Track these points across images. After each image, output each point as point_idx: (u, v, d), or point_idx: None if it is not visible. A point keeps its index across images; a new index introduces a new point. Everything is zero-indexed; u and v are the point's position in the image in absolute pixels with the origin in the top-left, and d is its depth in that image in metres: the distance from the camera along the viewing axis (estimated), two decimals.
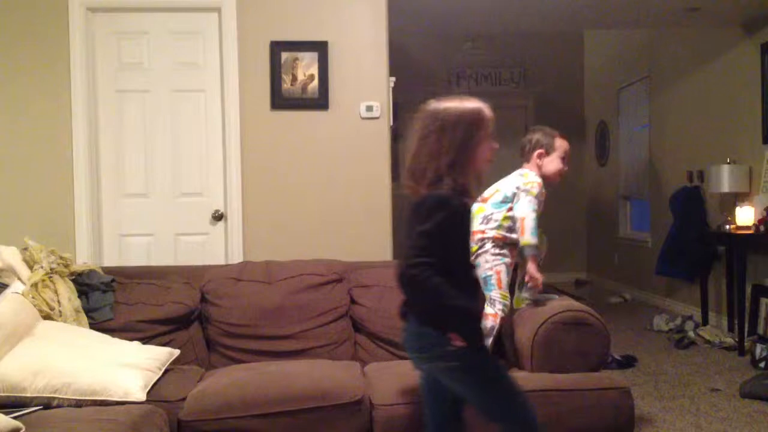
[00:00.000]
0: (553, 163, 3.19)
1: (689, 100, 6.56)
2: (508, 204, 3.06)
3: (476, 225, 3.03)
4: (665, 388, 4.34)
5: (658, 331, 6.01)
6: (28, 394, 2.41)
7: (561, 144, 3.22)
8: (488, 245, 3.02)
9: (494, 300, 2.97)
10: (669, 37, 6.90)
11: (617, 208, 8.44)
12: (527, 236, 2.97)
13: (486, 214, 3.06)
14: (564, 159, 3.22)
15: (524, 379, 2.76)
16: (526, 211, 2.99)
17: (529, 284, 3.03)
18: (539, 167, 3.18)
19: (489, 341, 2.94)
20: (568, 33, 8.53)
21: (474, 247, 2.99)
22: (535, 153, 3.18)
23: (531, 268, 2.98)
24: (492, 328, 2.93)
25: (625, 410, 2.67)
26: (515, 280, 3.18)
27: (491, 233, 3.02)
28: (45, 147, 4.21)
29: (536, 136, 3.21)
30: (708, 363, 4.95)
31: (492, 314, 2.95)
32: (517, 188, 3.06)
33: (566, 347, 2.80)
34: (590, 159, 9.15)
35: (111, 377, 2.48)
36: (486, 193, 3.12)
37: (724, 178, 5.51)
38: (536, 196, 3.04)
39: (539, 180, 3.12)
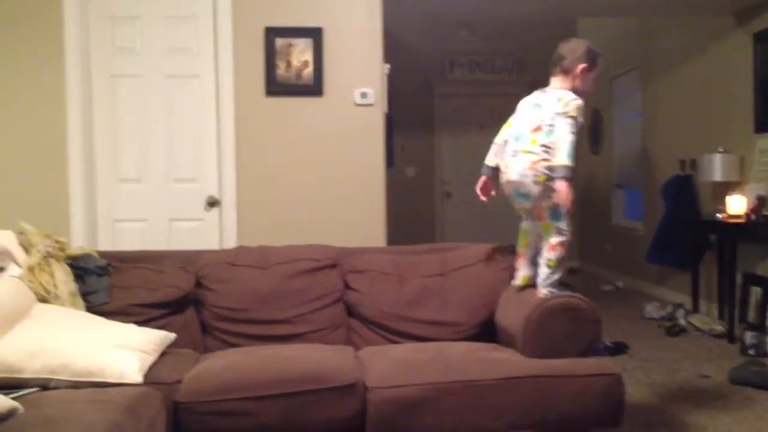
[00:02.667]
0: (589, 82, 3.00)
1: (682, 90, 6.58)
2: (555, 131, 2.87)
3: (540, 154, 2.85)
4: (656, 375, 4.39)
5: (649, 319, 6.06)
6: (26, 375, 2.41)
7: (602, 64, 3.04)
8: (560, 171, 2.80)
9: (562, 230, 2.90)
10: (661, 27, 6.92)
11: (610, 197, 8.48)
12: (563, 157, 2.80)
13: (542, 142, 2.86)
14: (597, 80, 3.04)
15: (515, 363, 2.80)
16: (564, 134, 2.82)
17: (560, 207, 2.87)
18: (576, 81, 2.96)
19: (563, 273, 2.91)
20: (562, 21, 8.50)
21: (542, 177, 2.85)
22: (581, 66, 2.95)
23: (562, 186, 2.80)
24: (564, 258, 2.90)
25: (616, 396, 2.69)
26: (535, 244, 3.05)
27: (556, 161, 2.83)
28: (39, 132, 4.21)
29: (583, 49, 2.97)
30: (698, 350, 5.00)
31: (560, 243, 2.91)
32: (557, 114, 2.86)
33: (558, 333, 2.82)
34: (583, 147, 9.16)
35: (108, 359, 2.49)
36: (526, 126, 2.93)
37: (716, 167, 5.54)
38: (576, 118, 2.85)
39: (580, 101, 2.87)
